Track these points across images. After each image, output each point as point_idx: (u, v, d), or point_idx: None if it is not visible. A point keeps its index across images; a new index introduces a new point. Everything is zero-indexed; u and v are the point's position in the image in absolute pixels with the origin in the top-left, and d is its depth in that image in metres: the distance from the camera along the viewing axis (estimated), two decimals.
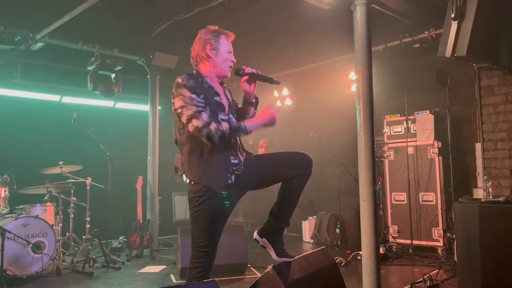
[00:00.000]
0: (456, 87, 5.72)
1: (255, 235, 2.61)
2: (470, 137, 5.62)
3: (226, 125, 2.28)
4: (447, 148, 5.59)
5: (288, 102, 7.82)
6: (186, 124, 2.29)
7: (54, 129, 6.59)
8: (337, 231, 6.69)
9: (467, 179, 5.62)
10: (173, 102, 2.36)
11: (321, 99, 7.23)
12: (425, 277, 3.99)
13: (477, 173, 5.29)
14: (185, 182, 2.43)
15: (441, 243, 5.55)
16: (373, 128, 3.92)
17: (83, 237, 5.57)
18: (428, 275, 4.00)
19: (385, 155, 6.15)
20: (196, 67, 2.51)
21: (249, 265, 5.06)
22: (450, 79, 5.61)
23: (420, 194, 5.77)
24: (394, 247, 5.82)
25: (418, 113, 5.90)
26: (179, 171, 2.48)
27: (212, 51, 2.45)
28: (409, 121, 5.94)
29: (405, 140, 5.94)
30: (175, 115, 2.39)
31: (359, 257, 5.12)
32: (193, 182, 2.35)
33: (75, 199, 5.83)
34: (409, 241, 5.78)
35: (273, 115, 2.39)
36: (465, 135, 5.75)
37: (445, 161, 5.66)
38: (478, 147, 5.28)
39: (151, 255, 6.03)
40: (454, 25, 3.95)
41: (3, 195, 5.01)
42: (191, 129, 2.27)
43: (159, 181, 6.85)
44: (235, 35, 2.56)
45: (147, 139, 6.90)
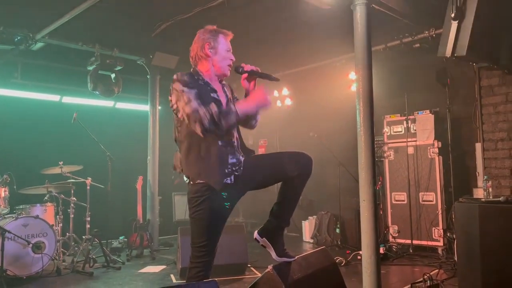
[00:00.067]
0: (456, 87, 5.72)
1: (256, 235, 2.61)
2: (470, 137, 5.61)
3: (214, 107, 2.25)
4: (447, 148, 5.59)
5: (288, 102, 7.81)
6: (178, 113, 2.30)
7: (54, 129, 6.60)
8: (337, 231, 6.69)
9: (467, 179, 5.63)
10: (170, 99, 2.36)
11: (321, 99, 7.23)
12: (425, 277, 3.99)
13: (477, 173, 5.29)
14: (185, 182, 2.43)
15: (441, 243, 5.55)
16: (373, 128, 3.91)
17: (83, 237, 5.58)
18: (428, 275, 4.00)
19: (385, 155, 6.15)
20: (195, 67, 2.51)
21: (249, 265, 5.06)
22: (450, 79, 5.61)
23: (420, 194, 5.77)
24: (394, 247, 5.83)
25: (418, 113, 5.90)
26: (177, 169, 2.48)
27: (210, 50, 2.46)
28: (409, 121, 5.94)
29: (405, 140, 5.94)
30: (173, 112, 2.40)
31: (359, 257, 5.13)
32: (191, 180, 2.35)
33: (75, 199, 5.84)
34: (409, 241, 5.78)
35: (264, 95, 2.39)
36: (465, 135, 5.75)
37: (445, 161, 5.66)
38: (478, 147, 5.28)
39: (151, 255, 6.03)
40: (454, 25, 3.95)
41: (3, 195, 5.02)
42: (183, 117, 2.26)
43: (159, 181, 6.85)
44: (234, 35, 2.56)
45: (147, 139, 6.90)
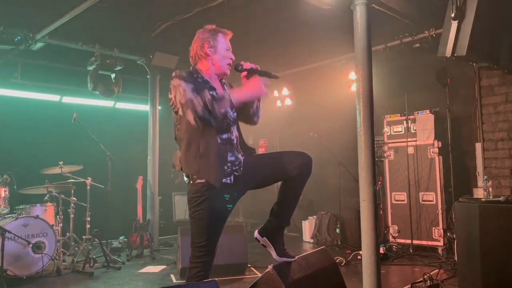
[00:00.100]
0: (456, 87, 5.72)
1: (256, 234, 2.61)
2: (470, 137, 5.61)
3: (208, 95, 2.24)
4: (447, 148, 5.59)
5: (288, 102, 7.82)
6: (176, 108, 2.29)
7: (54, 129, 6.60)
8: (337, 231, 6.69)
9: (467, 179, 5.63)
10: (170, 98, 2.36)
11: (321, 99, 7.23)
12: (425, 276, 3.98)
13: (477, 172, 5.29)
14: (185, 182, 2.43)
15: (441, 243, 5.54)
16: (373, 128, 3.92)
17: (83, 237, 5.58)
18: (428, 275, 4.00)
19: (385, 155, 6.15)
20: (195, 66, 2.51)
21: (249, 265, 5.05)
22: (450, 79, 5.61)
23: (420, 193, 5.77)
24: (394, 247, 5.83)
25: (418, 113, 5.89)
26: (176, 167, 2.48)
27: (210, 49, 2.46)
28: (409, 121, 5.93)
29: (405, 140, 5.94)
30: (172, 111, 2.40)
31: (359, 257, 5.13)
32: (191, 178, 2.35)
33: (75, 199, 5.83)
34: (409, 241, 5.77)
35: (258, 83, 2.40)
36: (465, 135, 5.75)
37: (445, 161, 5.66)
38: (478, 146, 5.28)
39: (151, 255, 6.03)
40: (454, 25, 3.95)
41: (3, 195, 5.02)
42: (178, 108, 2.26)
43: (159, 181, 6.85)
44: (234, 34, 2.57)
45: (147, 139, 6.90)
